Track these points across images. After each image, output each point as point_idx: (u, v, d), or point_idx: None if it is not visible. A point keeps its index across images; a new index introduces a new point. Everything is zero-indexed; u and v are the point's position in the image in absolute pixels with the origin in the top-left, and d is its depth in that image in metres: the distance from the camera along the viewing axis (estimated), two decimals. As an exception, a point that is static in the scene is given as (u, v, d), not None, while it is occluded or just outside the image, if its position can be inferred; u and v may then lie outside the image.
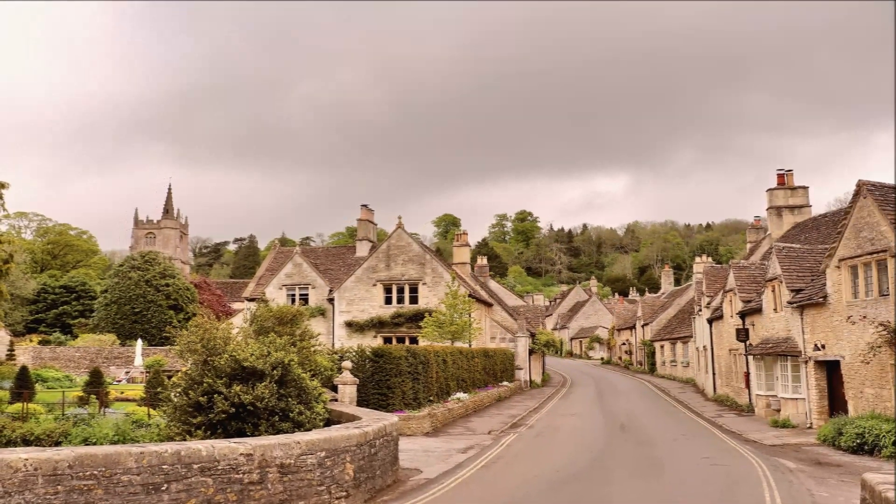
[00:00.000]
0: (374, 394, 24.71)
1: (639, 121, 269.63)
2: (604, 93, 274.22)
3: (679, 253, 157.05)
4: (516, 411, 32.85)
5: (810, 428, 24.62)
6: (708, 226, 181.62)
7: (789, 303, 26.11)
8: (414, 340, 41.41)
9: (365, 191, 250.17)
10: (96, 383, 28.86)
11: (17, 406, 25.23)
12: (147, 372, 38.53)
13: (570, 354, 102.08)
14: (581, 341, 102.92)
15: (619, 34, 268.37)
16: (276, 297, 45.72)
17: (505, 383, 42.48)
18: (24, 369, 30.33)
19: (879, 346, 20.48)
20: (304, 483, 12.29)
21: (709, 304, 41.13)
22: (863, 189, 21.96)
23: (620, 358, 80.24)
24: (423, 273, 44.87)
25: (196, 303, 62.28)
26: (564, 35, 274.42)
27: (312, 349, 21.50)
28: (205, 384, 15.55)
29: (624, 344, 80.00)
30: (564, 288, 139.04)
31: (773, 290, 28.17)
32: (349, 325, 45.00)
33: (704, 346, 42.73)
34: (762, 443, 22.43)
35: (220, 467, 11.06)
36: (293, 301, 46.06)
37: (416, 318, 42.61)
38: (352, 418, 16.46)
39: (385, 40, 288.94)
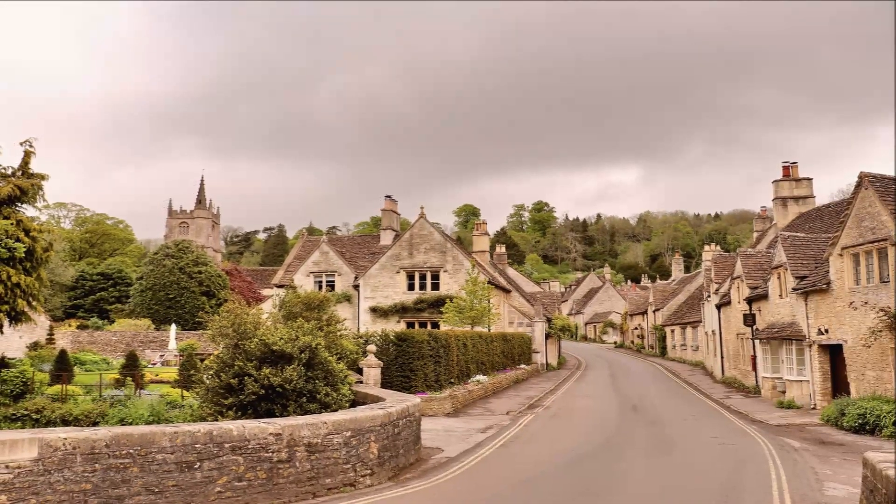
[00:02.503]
0: (398, 376, 25.18)
1: (651, 115, 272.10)
2: (617, 89, 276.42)
3: (689, 241, 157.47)
4: (533, 393, 33.26)
5: (814, 409, 25.17)
6: (716, 216, 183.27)
7: (794, 289, 26.62)
8: (435, 325, 42.10)
9: (389, 182, 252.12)
10: (132, 366, 29.71)
11: (57, 388, 26.16)
12: (181, 355, 39.58)
13: (585, 339, 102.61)
14: (595, 326, 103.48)
15: (633, 33, 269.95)
16: (304, 283, 46.49)
17: (522, 366, 43.02)
18: (63, 353, 31.28)
19: (880, 331, 21.02)
20: (330, 461, 12.66)
21: (717, 290, 41.63)
22: (864, 180, 22.44)
23: (633, 342, 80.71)
24: (444, 261, 45.65)
25: (227, 289, 63.24)
26: (580, 34, 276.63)
27: (338, 333, 21.67)
28: (236, 367, 15.98)
29: (636, 328, 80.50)
30: (579, 275, 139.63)
31: (779, 277, 28.63)
32: (373, 310, 45.77)
33: (713, 331, 43.30)
34: (768, 423, 22.94)
35: (250, 446, 11.50)
36: (320, 287, 47.03)
37: (438, 303, 43.35)
38: (376, 399, 16.72)
39: (411, 38, 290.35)
